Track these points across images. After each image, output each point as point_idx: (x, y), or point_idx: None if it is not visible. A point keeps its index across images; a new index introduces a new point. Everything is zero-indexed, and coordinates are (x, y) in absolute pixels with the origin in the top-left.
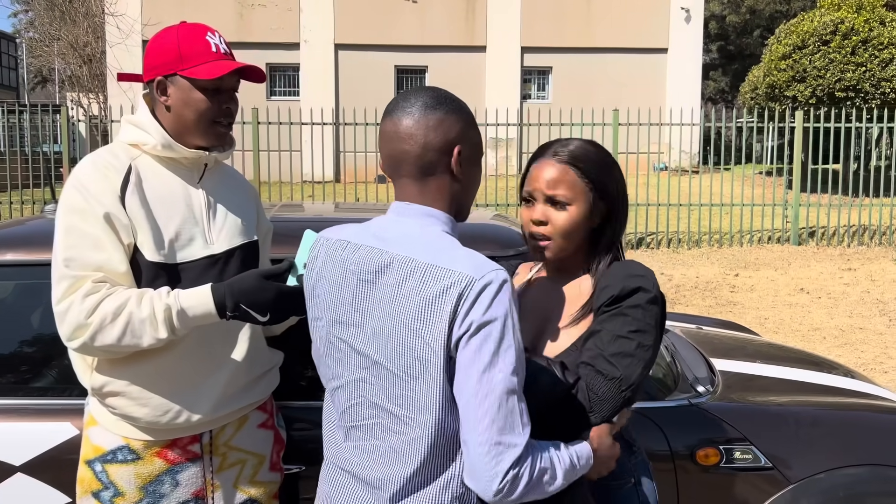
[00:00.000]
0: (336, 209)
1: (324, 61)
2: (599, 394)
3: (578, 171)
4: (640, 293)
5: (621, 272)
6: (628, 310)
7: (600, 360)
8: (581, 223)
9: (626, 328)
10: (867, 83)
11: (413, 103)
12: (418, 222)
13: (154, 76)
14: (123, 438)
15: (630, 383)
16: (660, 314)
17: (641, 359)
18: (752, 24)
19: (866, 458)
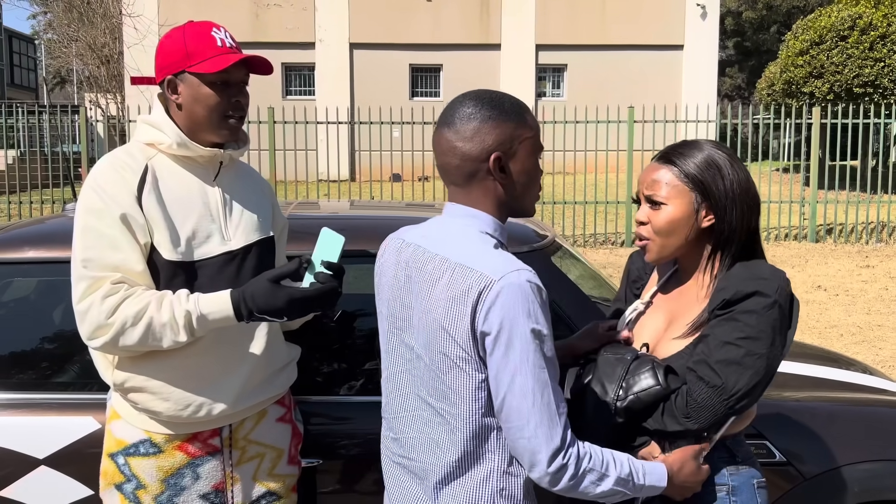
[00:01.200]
0: (351, 207)
1: (339, 60)
2: (699, 400)
3: (678, 169)
4: (756, 297)
5: (741, 274)
6: (740, 315)
7: (703, 367)
8: (680, 222)
9: (736, 334)
10: (886, 79)
11: (454, 113)
12: (461, 223)
13: (164, 76)
14: (145, 432)
15: (733, 393)
16: (780, 320)
17: (750, 367)
18: (768, 20)
19: (882, 454)
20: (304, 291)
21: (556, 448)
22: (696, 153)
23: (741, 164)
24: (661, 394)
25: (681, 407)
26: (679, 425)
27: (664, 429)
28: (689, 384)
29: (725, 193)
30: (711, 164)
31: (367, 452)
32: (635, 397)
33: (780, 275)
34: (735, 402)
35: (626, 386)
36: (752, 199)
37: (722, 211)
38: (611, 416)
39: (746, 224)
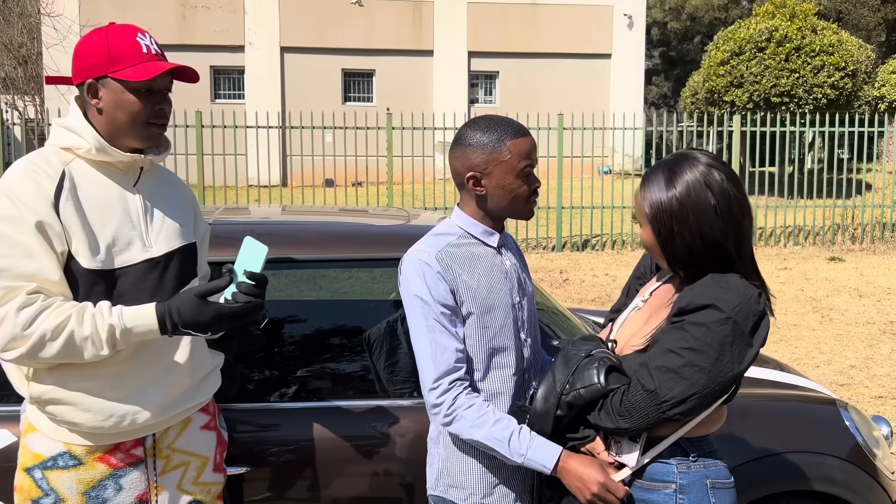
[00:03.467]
0: (283, 212)
1: (269, 64)
2: (632, 401)
3: (640, 194)
4: (709, 310)
5: (705, 285)
6: (689, 326)
7: (643, 370)
8: (650, 242)
9: (680, 344)
10: (800, 89)
11: (456, 134)
12: (450, 216)
13: (84, 79)
14: (64, 444)
15: (666, 400)
16: (732, 337)
17: (687, 378)
18: (692, 31)
19: (794, 446)
20: (231, 308)
21: (429, 388)
22: (652, 186)
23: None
24: (599, 392)
25: (616, 406)
26: (612, 423)
27: (600, 425)
28: (631, 385)
29: (667, 228)
30: (656, 201)
31: (294, 459)
32: (577, 393)
33: (745, 293)
34: (668, 408)
35: (572, 381)
36: (704, 229)
37: (664, 241)
38: (554, 407)
39: (701, 249)
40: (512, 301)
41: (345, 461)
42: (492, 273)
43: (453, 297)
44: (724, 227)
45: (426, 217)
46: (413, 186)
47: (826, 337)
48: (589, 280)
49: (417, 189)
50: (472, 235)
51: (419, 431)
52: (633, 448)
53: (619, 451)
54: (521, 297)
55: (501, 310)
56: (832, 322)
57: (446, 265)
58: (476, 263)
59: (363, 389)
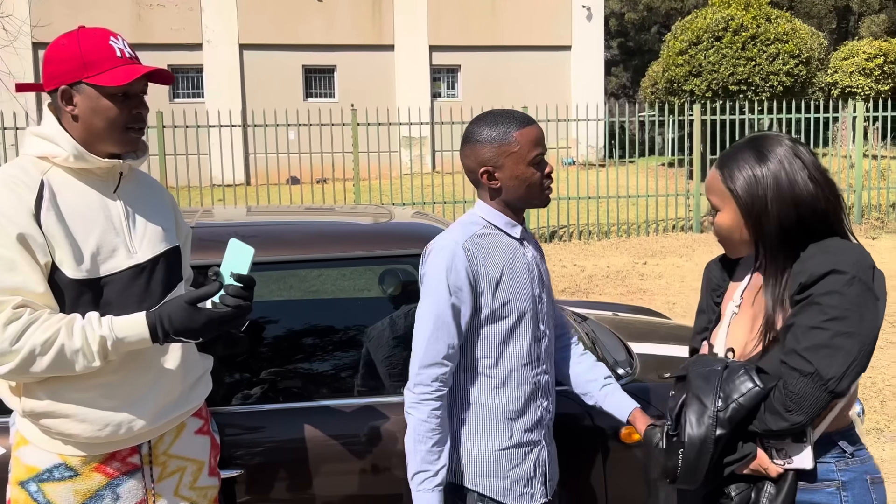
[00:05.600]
0: (249, 213)
1: (228, 62)
2: (796, 392)
3: (723, 177)
4: (832, 276)
5: (814, 255)
6: (821, 297)
7: (793, 357)
8: (732, 227)
9: (820, 318)
10: (757, 77)
11: (464, 133)
12: (472, 209)
13: (57, 85)
14: (59, 456)
15: (830, 377)
16: (863, 294)
17: (840, 348)
18: (649, 21)
19: None
20: (222, 313)
21: (414, 371)
22: (741, 163)
23: (791, 161)
24: (760, 395)
25: (780, 401)
26: (784, 421)
27: (770, 428)
28: (784, 377)
29: (761, 207)
30: (749, 176)
31: (285, 460)
32: (737, 405)
33: (855, 249)
34: (834, 385)
35: (725, 395)
36: (804, 199)
37: (756, 222)
38: (713, 428)
39: (797, 221)
40: (533, 293)
41: (337, 460)
42: (514, 264)
43: (472, 288)
44: (822, 193)
45: (400, 213)
46: (380, 182)
47: None
48: (558, 271)
49: (384, 185)
50: (495, 226)
51: None
52: (802, 448)
53: (786, 458)
54: (541, 289)
55: (522, 300)
56: None
57: (472, 255)
58: (500, 254)
59: (351, 388)
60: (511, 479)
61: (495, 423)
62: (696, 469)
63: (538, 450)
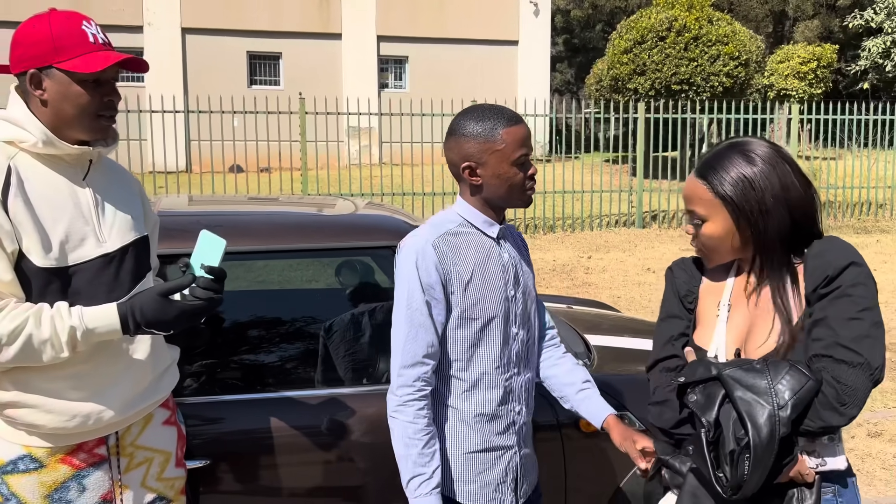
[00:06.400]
0: (190, 203)
1: (170, 46)
2: (849, 384)
3: (710, 186)
4: (853, 268)
5: (828, 249)
6: (850, 288)
7: (838, 349)
8: (722, 237)
9: (855, 308)
10: (698, 77)
11: (449, 126)
12: (453, 206)
13: (26, 68)
14: (24, 447)
15: (877, 366)
16: (874, 286)
17: (878, 337)
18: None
19: None
20: (194, 305)
21: (396, 374)
22: (728, 168)
23: (779, 162)
24: (814, 389)
25: (834, 396)
26: (842, 416)
27: (829, 424)
28: (830, 371)
29: (759, 208)
30: (741, 180)
31: (249, 451)
32: (797, 400)
33: (852, 246)
34: (878, 373)
35: (779, 393)
36: (795, 200)
37: (755, 225)
38: (778, 428)
39: (791, 222)
40: (506, 294)
41: (301, 450)
42: (487, 264)
43: (443, 287)
44: (806, 195)
45: (348, 204)
46: (328, 172)
47: None
48: None
49: (332, 175)
50: (472, 225)
51: (376, 418)
52: (834, 448)
53: (819, 460)
54: (515, 290)
55: (492, 302)
56: None
57: (442, 253)
58: (472, 253)
59: (314, 379)
60: (479, 483)
61: (465, 427)
62: (764, 472)
63: (510, 455)
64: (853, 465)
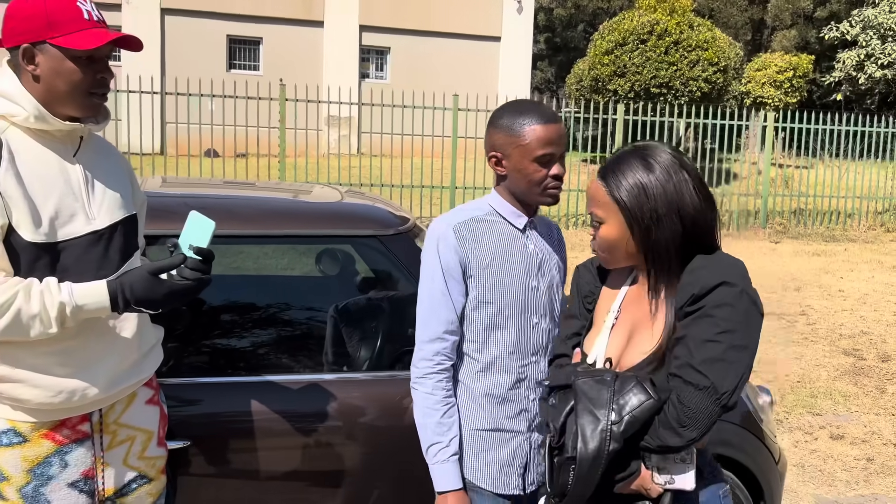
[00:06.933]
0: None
1: (149, 26)
2: (691, 406)
3: (608, 189)
4: (723, 288)
5: (704, 266)
6: (713, 309)
7: (688, 370)
8: (616, 240)
9: (713, 330)
10: (677, 81)
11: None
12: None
13: (18, 42)
14: (8, 421)
15: (724, 391)
16: (750, 307)
17: (734, 361)
18: (576, 19)
19: None
20: (183, 285)
21: (417, 348)
22: (626, 173)
23: (677, 172)
24: (654, 408)
25: (674, 417)
26: (679, 437)
27: (666, 444)
28: (677, 391)
29: (650, 216)
30: (636, 186)
31: (230, 433)
32: (631, 417)
33: (740, 263)
34: (727, 399)
35: (618, 408)
36: (689, 211)
37: (646, 232)
38: (607, 443)
39: (683, 233)
40: (527, 283)
41: (281, 434)
42: (510, 252)
43: (462, 269)
44: (706, 206)
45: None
46: (307, 160)
47: None
48: None
49: (310, 164)
50: (499, 214)
51: (360, 404)
52: (685, 468)
53: (668, 478)
54: (538, 281)
55: (510, 289)
56: None
57: (461, 237)
58: (494, 240)
59: (294, 364)
60: (483, 461)
61: (474, 405)
62: (588, 485)
63: (520, 440)
64: (815, 466)
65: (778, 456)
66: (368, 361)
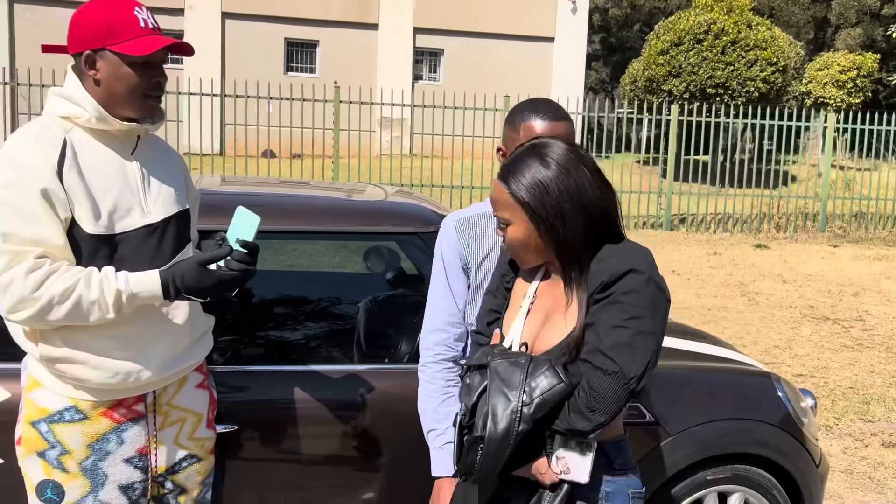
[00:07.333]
0: (223, 182)
1: (210, 30)
2: (600, 391)
3: (509, 189)
4: (631, 275)
5: (613, 254)
6: (621, 296)
7: (597, 355)
8: (524, 239)
9: (622, 316)
10: (734, 81)
11: None
12: None
13: (81, 49)
14: (71, 399)
15: (632, 376)
16: (657, 294)
17: (640, 347)
18: (632, 18)
19: (732, 413)
20: (230, 275)
21: (422, 337)
22: (525, 172)
23: (575, 165)
24: (565, 391)
25: (584, 401)
26: (587, 421)
27: (575, 428)
28: (587, 376)
29: (555, 212)
30: (536, 185)
31: (274, 419)
32: (541, 400)
33: (644, 251)
34: (634, 384)
35: (529, 390)
36: (592, 202)
37: (553, 228)
38: (517, 423)
39: (588, 224)
40: None
41: (323, 422)
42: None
43: (462, 264)
44: (607, 195)
45: (377, 192)
46: (360, 161)
47: (752, 319)
48: None
49: (363, 164)
50: None
51: (399, 394)
52: (582, 461)
53: (565, 469)
54: None
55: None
56: (758, 305)
57: (460, 233)
58: (492, 235)
59: (337, 355)
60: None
61: None
62: (495, 465)
63: None
64: (864, 473)
65: (819, 459)
66: (409, 354)
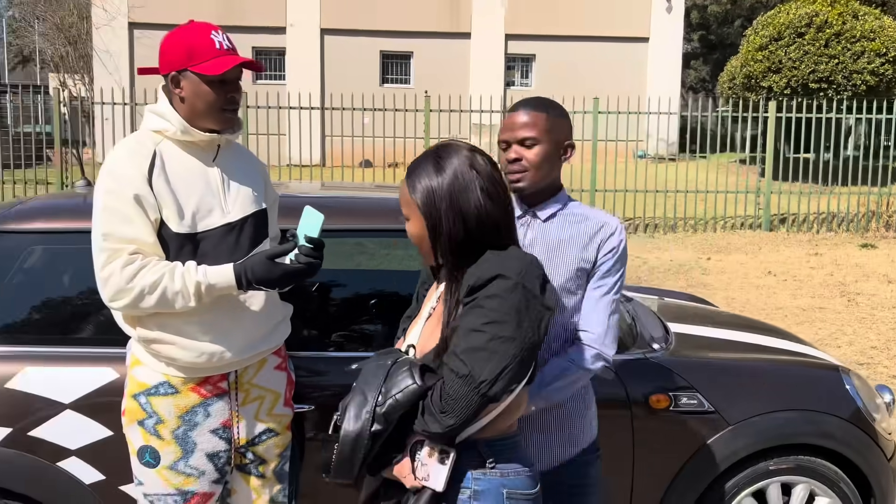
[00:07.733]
0: (322, 188)
1: (310, 46)
2: (450, 393)
3: (408, 186)
4: (497, 280)
5: (488, 261)
6: (484, 300)
7: (452, 358)
8: (420, 237)
9: (481, 320)
10: (839, 75)
11: None
12: None
13: (168, 71)
14: (164, 375)
15: (482, 380)
16: (525, 301)
17: (496, 352)
18: (733, 14)
19: (793, 405)
20: (295, 268)
21: None
22: (420, 175)
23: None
24: (417, 392)
25: (436, 403)
26: (438, 423)
27: (428, 429)
28: (444, 379)
29: (437, 218)
30: (425, 190)
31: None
32: (394, 400)
33: (525, 258)
34: (486, 388)
35: (386, 390)
36: (471, 213)
37: (433, 232)
38: (369, 423)
39: (466, 233)
40: None
41: None
42: None
43: None
44: (493, 206)
45: None
46: None
47: (850, 319)
48: None
49: None
50: None
51: None
52: (440, 469)
53: (425, 476)
54: None
55: None
56: (858, 306)
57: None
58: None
59: None
60: None
61: None
62: (351, 464)
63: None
64: None
65: (891, 454)
66: None
